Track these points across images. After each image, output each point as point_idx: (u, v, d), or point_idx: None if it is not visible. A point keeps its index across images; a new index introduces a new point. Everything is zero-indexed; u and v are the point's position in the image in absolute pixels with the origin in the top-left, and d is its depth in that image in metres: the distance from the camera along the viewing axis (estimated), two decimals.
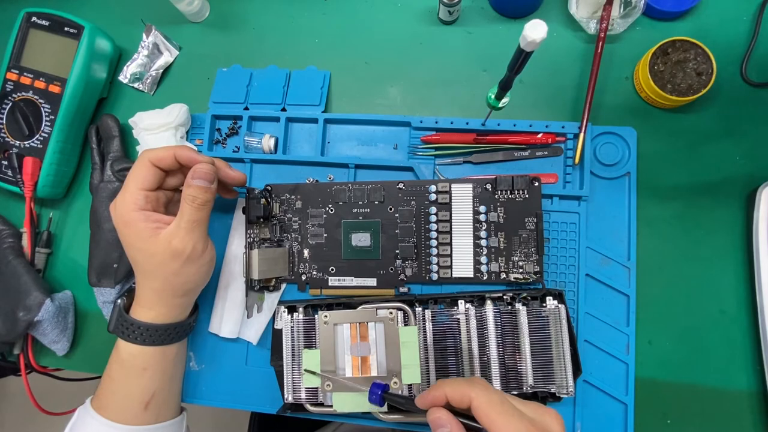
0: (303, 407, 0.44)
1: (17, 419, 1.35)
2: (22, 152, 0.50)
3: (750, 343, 0.44)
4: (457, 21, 0.51)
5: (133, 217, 0.39)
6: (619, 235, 0.45)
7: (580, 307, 0.44)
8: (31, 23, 0.50)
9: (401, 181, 0.46)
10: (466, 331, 0.43)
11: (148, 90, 0.55)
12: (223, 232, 0.49)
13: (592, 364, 0.44)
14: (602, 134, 0.46)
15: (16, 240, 0.50)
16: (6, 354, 0.51)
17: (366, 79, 0.52)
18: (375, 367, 0.42)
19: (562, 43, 0.50)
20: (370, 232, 0.46)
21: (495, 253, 0.45)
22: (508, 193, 0.44)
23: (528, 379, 0.41)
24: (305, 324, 0.45)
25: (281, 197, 0.47)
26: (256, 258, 0.44)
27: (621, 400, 0.43)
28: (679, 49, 0.45)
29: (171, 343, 0.42)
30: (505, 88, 0.38)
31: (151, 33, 0.54)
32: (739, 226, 0.45)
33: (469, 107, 0.50)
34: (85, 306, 0.51)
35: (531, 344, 0.42)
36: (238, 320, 0.46)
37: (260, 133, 0.50)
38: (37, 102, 0.50)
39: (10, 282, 0.48)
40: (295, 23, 0.54)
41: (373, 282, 0.46)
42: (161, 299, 0.41)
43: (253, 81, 0.51)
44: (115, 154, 0.50)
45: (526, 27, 0.29)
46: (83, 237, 0.50)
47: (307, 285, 0.47)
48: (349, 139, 0.50)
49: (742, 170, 0.46)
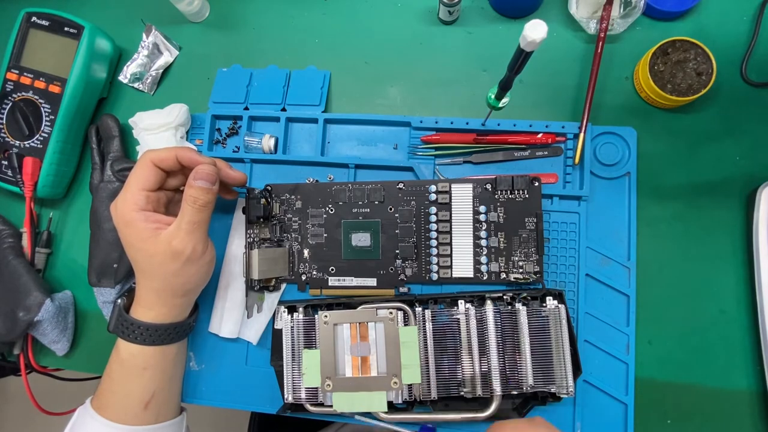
0: (303, 407, 0.44)
1: (17, 419, 1.35)
2: (22, 152, 0.50)
3: (750, 343, 0.44)
4: (457, 21, 0.51)
5: (134, 217, 0.39)
6: (619, 235, 0.45)
7: (580, 307, 0.44)
8: (31, 23, 0.50)
9: (401, 181, 0.46)
10: (466, 331, 0.43)
11: (148, 90, 0.55)
12: (223, 232, 0.49)
13: (592, 364, 0.44)
14: (602, 134, 0.46)
15: (16, 240, 0.50)
16: (6, 354, 0.51)
17: (366, 79, 0.52)
18: (375, 367, 0.42)
19: (562, 43, 0.50)
20: (370, 232, 0.46)
21: (495, 253, 0.44)
22: (508, 193, 0.44)
23: (528, 379, 0.41)
24: (305, 324, 0.45)
25: (281, 197, 0.47)
26: (256, 258, 0.44)
27: (621, 400, 0.43)
28: (679, 49, 0.45)
29: (171, 342, 0.42)
30: (505, 88, 0.38)
31: (151, 33, 0.54)
32: (739, 226, 0.45)
33: (469, 107, 0.50)
34: (85, 306, 0.51)
35: (531, 344, 0.42)
36: (238, 320, 0.47)
37: (260, 133, 0.50)
38: (37, 102, 0.50)
39: (10, 282, 0.48)
40: (295, 23, 0.54)
41: (373, 282, 0.46)
42: (161, 299, 0.41)
43: (253, 81, 0.51)
44: (115, 154, 0.50)
45: (526, 27, 0.29)
46: (83, 237, 0.50)
47: (307, 285, 0.47)
48: (349, 139, 0.50)
49: (742, 170, 0.46)
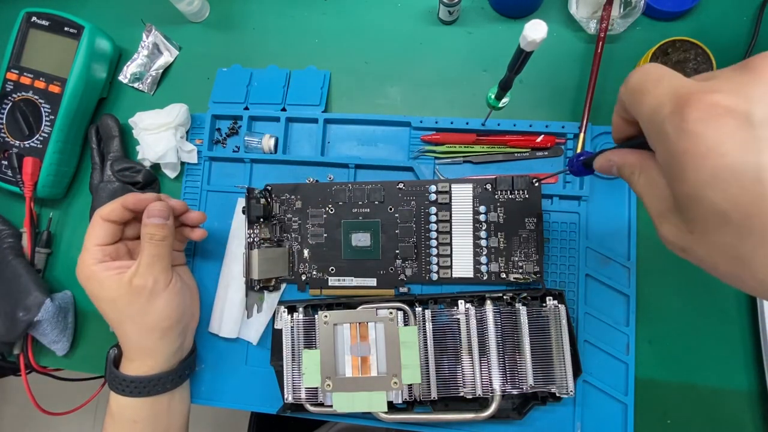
0: (303, 407, 0.44)
1: (17, 419, 1.35)
2: (22, 152, 0.50)
3: (750, 343, 0.44)
4: (457, 21, 0.51)
5: (93, 270, 0.39)
6: (619, 235, 0.45)
7: (580, 307, 0.44)
8: (31, 23, 0.50)
9: (401, 181, 0.46)
10: (466, 331, 0.43)
11: (148, 90, 0.55)
12: (223, 233, 0.49)
13: (592, 364, 0.44)
14: (602, 134, 0.46)
15: (16, 240, 0.50)
16: (6, 354, 0.51)
17: (366, 79, 0.52)
18: (375, 367, 0.42)
19: (562, 43, 0.50)
20: (370, 232, 0.46)
21: (495, 254, 0.44)
22: (508, 193, 0.44)
23: (528, 379, 0.41)
24: (305, 324, 0.45)
25: (281, 197, 0.47)
26: (256, 258, 0.44)
27: (621, 400, 0.43)
28: (679, 49, 0.45)
29: (161, 393, 0.41)
30: (505, 88, 0.38)
31: (151, 33, 0.54)
32: None
33: (469, 107, 0.50)
34: (85, 306, 0.51)
35: (531, 344, 0.42)
36: (238, 320, 0.47)
37: (260, 133, 0.50)
38: (37, 102, 0.50)
39: (10, 282, 0.48)
40: (295, 23, 0.54)
41: (373, 282, 0.46)
42: (140, 346, 0.40)
43: (253, 81, 0.51)
44: (115, 154, 0.50)
45: (526, 27, 0.29)
46: (83, 237, 0.50)
47: (307, 285, 0.47)
48: (349, 139, 0.50)
49: None
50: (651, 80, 0.22)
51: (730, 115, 0.18)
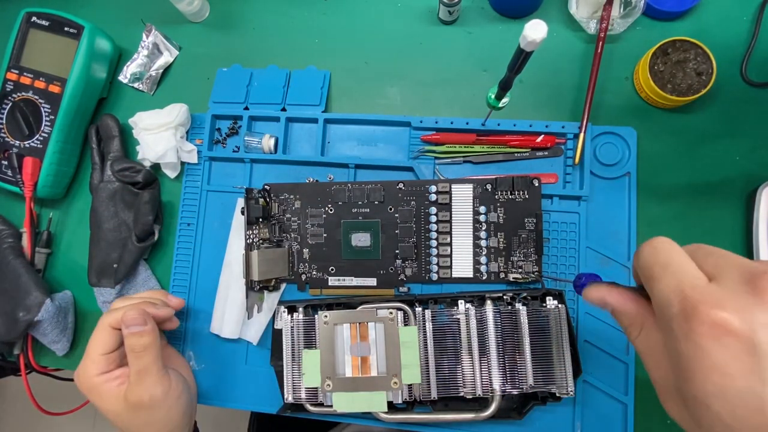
0: (303, 407, 0.44)
1: (17, 419, 1.35)
2: (22, 152, 0.50)
3: None
4: (457, 21, 0.51)
5: (95, 383, 0.39)
6: (619, 235, 0.45)
7: (580, 307, 0.44)
8: (31, 23, 0.50)
9: (401, 181, 0.46)
10: (466, 331, 0.43)
11: (148, 90, 0.55)
12: (223, 233, 0.49)
13: (592, 364, 0.44)
14: (602, 134, 0.46)
15: (16, 240, 0.50)
16: (6, 354, 0.51)
17: (366, 79, 0.52)
18: (375, 367, 0.42)
19: (562, 43, 0.50)
20: (370, 232, 0.46)
21: (495, 253, 0.45)
22: (508, 193, 0.44)
23: (528, 379, 0.41)
24: (305, 324, 0.45)
25: (280, 197, 0.47)
26: (256, 259, 0.44)
27: (621, 400, 0.43)
28: (679, 49, 0.45)
29: None
30: (505, 88, 0.38)
31: (151, 33, 0.54)
32: (739, 226, 0.45)
33: (469, 107, 0.50)
34: (85, 306, 0.51)
35: (531, 344, 0.42)
36: (239, 320, 0.46)
37: (260, 133, 0.50)
38: (37, 102, 0.50)
39: (10, 282, 0.48)
40: (295, 23, 0.54)
41: (373, 282, 0.46)
42: None
43: (253, 81, 0.51)
44: (115, 154, 0.50)
45: (526, 27, 0.29)
46: (83, 237, 0.50)
47: (307, 285, 0.47)
48: (349, 139, 0.50)
49: (742, 170, 0.46)
50: (659, 265, 0.23)
51: (736, 338, 0.19)
